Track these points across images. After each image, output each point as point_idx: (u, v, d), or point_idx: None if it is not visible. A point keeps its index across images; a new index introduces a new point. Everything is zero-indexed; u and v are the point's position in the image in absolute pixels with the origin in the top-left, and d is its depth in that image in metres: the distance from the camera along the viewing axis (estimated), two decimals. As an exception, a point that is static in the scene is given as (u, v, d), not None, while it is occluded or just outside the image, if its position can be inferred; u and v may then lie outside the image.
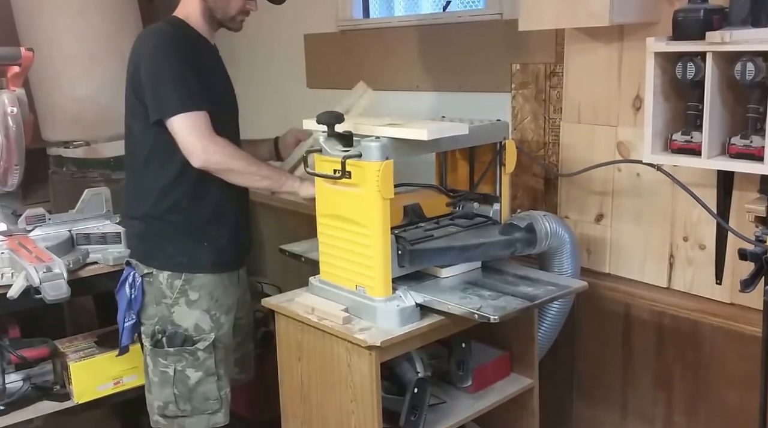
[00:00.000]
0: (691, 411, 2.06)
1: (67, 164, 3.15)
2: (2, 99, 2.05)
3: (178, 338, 2.02)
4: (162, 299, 2.03)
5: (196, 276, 2.03)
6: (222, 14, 2.01)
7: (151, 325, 2.04)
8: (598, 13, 1.86)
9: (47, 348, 2.22)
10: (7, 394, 2.10)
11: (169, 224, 2.01)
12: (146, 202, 2.03)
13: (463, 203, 2.15)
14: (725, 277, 1.93)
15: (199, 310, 2.04)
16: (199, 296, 2.04)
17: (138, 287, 2.02)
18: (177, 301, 2.02)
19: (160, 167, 2.00)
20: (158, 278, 2.02)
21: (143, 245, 2.06)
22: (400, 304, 1.79)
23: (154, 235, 2.03)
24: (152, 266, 2.03)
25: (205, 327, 2.04)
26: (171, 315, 2.03)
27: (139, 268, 2.04)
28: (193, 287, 2.03)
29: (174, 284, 2.02)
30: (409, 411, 1.86)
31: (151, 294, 2.03)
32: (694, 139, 1.73)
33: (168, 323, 2.03)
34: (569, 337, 2.27)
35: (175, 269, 2.02)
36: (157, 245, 2.03)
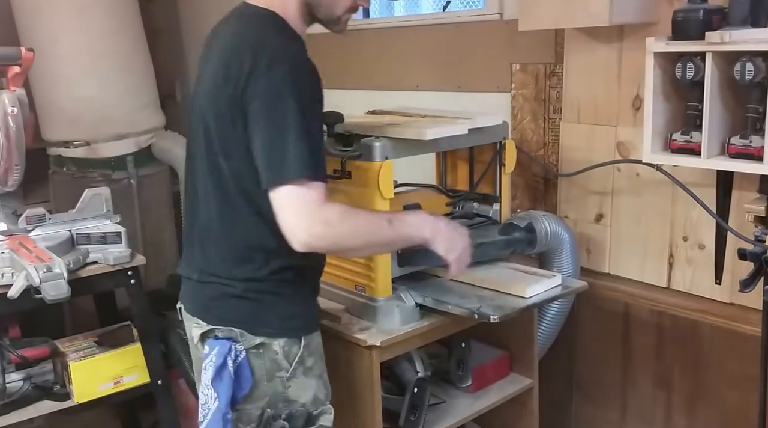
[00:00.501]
0: (690, 411, 2.06)
1: (67, 164, 3.15)
2: (2, 99, 2.04)
3: (299, 418, 1.57)
4: (276, 373, 1.53)
5: (313, 338, 1.58)
6: (326, 13, 1.58)
7: (257, 409, 1.54)
8: (598, 14, 1.86)
9: (47, 348, 2.22)
10: (7, 394, 2.10)
11: (282, 283, 1.54)
12: (251, 261, 1.51)
13: (463, 203, 2.15)
14: (725, 277, 1.93)
15: (316, 377, 1.59)
16: (314, 362, 1.58)
17: (244, 365, 1.50)
18: (295, 373, 1.55)
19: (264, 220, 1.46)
20: (272, 348, 1.52)
21: (249, 309, 1.53)
22: (399, 304, 1.79)
23: (264, 295, 1.53)
24: (263, 334, 1.51)
25: (322, 396, 1.60)
26: (286, 392, 1.54)
27: (244, 339, 1.50)
28: (311, 352, 1.57)
29: (292, 352, 1.53)
30: (408, 411, 1.87)
31: (262, 370, 1.52)
32: (693, 139, 1.73)
33: (280, 401, 1.54)
34: (569, 337, 2.27)
35: (292, 333, 1.54)
36: (268, 306, 1.53)
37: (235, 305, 1.53)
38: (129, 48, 3.15)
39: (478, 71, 2.49)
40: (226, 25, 1.58)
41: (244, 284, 1.52)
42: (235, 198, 1.48)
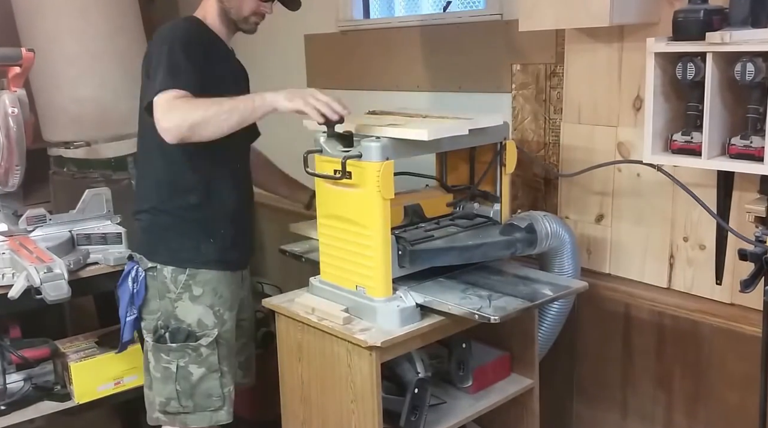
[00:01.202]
0: (691, 411, 2.06)
1: (67, 165, 3.15)
2: (3, 100, 2.05)
3: (181, 333, 2.00)
4: (165, 293, 2.00)
5: (200, 272, 2.01)
6: (235, 14, 2.01)
7: (154, 320, 2.02)
8: (599, 14, 1.86)
9: (48, 348, 2.23)
10: (8, 394, 2.10)
11: (177, 218, 2.00)
12: (156, 195, 2.01)
13: (464, 204, 2.16)
14: (725, 277, 1.93)
15: (203, 306, 2.01)
16: (203, 292, 2.01)
17: (141, 282, 2.00)
18: (180, 296, 2.00)
19: (171, 159, 1.96)
20: (162, 273, 2.00)
21: (148, 240, 2.04)
22: (400, 304, 1.79)
23: (160, 229, 2.01)
24: (156, 261, 2.00)
25: (208, 323, 2.02)
26: (174, 310, 2.00)
27: (142, 262, 2.01)
28: (198, 282, 2.01)
29: (178, 278, 2.00)
30: (409, 412, 1.87)
31: (155, 289, 2.01)
32: (694, 139, 1.73)
33: (171, 318, 2.00)
34: (569, 337, 2.27)
35: (179, 264, 2.00)
36: (162, 239, 2.01)
37: (140, 235, 2.06)
38: (129, 49, 3.14)
39: (478, 72, 2.48)
40: None
41: (148, 218, 2.02)
42: (147, 142, 1.97)
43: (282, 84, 3.31)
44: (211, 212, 2.02)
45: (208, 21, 2.02)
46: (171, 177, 1.98)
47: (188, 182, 1.98)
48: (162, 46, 1.86)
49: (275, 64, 3.35)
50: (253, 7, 2.01)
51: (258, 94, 1.82)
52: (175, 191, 1.99)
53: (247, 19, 2.03)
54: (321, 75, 3.16)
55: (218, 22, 2.02)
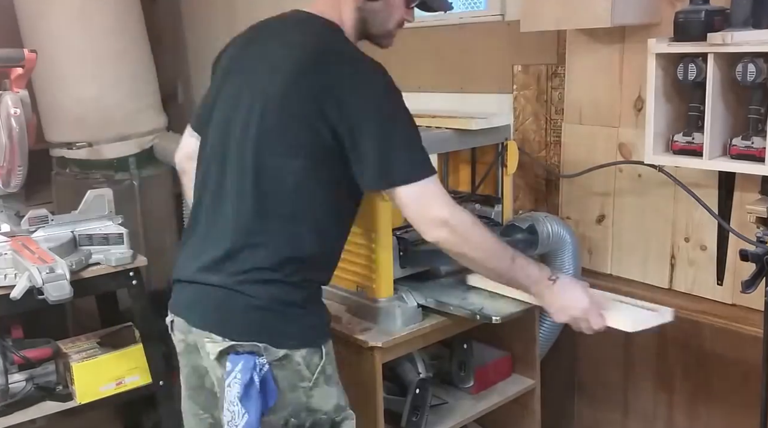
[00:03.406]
0: (692, 412, 2.06)
1: (70, 166, 3.16)
2: (6, 101, 2.05)
3: (323, 426, 1.52)
4: (298, 384, 1.48)
5: (329, 344, 1.53)
6: (379, 28, 1.59)
7: (280, 419, 1.49)
8: (600, 15, 1.87)
9: (50, 349, 2.23)
10: (9, 394, 2.10)
11: (308, 291, 1.50)
12: (291, 269, 1.45)
13: (465, 205, 2.16)
14: (726, 278, 1.93)
15: (335, 384, 1.54)
16: (333, 369, 1.54)
17: (268, 378, 1.44)
18: (317, 382, 1.50)
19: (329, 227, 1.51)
20: (294, 360, 1.46)
21: (271, 321, 1.46)
22: (401, 305, 1.79)
23: (286, 305, 1.47)
24: (286, 347, 1.45)
25: (343, 402, 1.56)
26: (309, 401, 1.49)
27: (269, 353, 1.43)
28: (330, 359, 1.53)
29: (313, 361, 1.48)
30: (410, 412, 1.87)
31: (285, 381, 1.46)
32: (695, 140, 1.73)
33: (303, 411, 1.49)
34: (570, 338, 2.27)
35: (313, 343, 1.49)
36: (290, 317, 1.47)
37: (257, 317, 1.46)
38: (131, 49, 3.16)
39: (480, 72, 2.49)
40: (285, 26, 1.56)
41: (269, 294, 1.45)
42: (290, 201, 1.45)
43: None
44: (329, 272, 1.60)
45: (347, 32, 1.55)
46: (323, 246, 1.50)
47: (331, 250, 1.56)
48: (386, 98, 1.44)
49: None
50: (400, 18, 1.62)
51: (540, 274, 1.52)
52: (317, 261, 1.51)
53: (390, 33, 1.64)
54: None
55: (354, 34, 1.57)
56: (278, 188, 1.44)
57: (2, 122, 2.08)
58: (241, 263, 1.45)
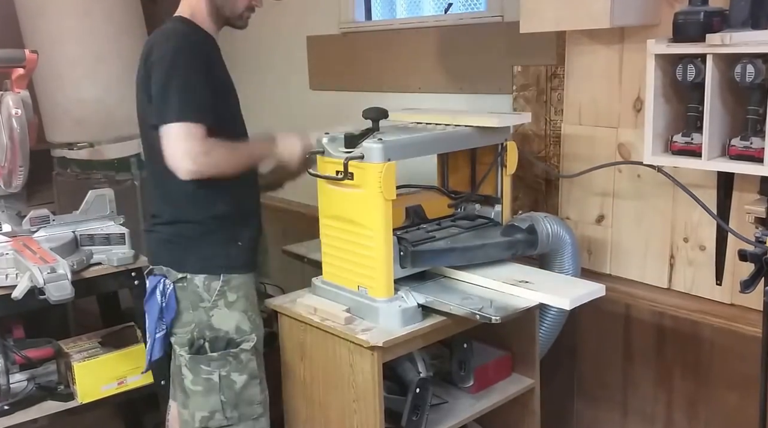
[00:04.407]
0: (691, 411, 2.07)
1: (71, 166, 3.16)
2: (7, 101, 2.06)
3: (220, 342, 1.89)
4: (199, 303, 1.88)
5: (233, 277, 1.91)
6: (230, 11, 1.93)
7: (188, 333, 1.90)
8: (599, 16, 1.87)
9: (51, 349, 2.23)
10: (11, 394, 2.11)
11: (205, 226, 1.89)
12: (176, 206, 1.89)
13: (465, 205, 2.16)
14: (725, 278, 1.94)
15: (239, 311, 1.91)
16: (237, 297, 1.91)
17: (170, 295, 1.88)
18: (216, 304, 1.89)
19: None
20: (193, 282, 1.88)
21: (174, 250, 1.90)
22: (402, 305, 1.80)
23: (187, 239, 1.89)
24: (186, 271, 1.88)
25: (246, 328, 1.92)
26: (210, 320, 1.89)
27: (170, 274, 1.89)
28: (231, 288, 1.90)
29: (212, 286, 1.88)
30: (411, 411, 1.87)
31: (186, 300, 1.89)
32: (694, 140, 1.74)
33: (206, 328, 1.89)
34: (570, 338, 2.28)
35: (212, 271, 1.89)
36: (191, 248, 1.89)
37: (163, 247, 1.93)
38: (132, 50, 3.14)
39: (479, 73, 2.49)
40: None
41: (168, 229, 1.91)
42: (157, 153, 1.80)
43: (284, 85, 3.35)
44: (237, 215, 1.94)
45: (198, 20, 1.92)
46: (194, 187, 1.83)
47: (210, 192, 1.86)
48: (169, 62, 1.78)
49: (277, 65, 3.36)
50: (246, 3, 1.94)
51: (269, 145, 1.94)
52: (200, 201, 1.87)
53: (241, 16, 1.96)
54: (323, 76, 3.16)
55: (208, 20, 1.93)
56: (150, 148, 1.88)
57: (4, 122, 2.09)
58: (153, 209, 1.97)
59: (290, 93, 3.30)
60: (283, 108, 3.35)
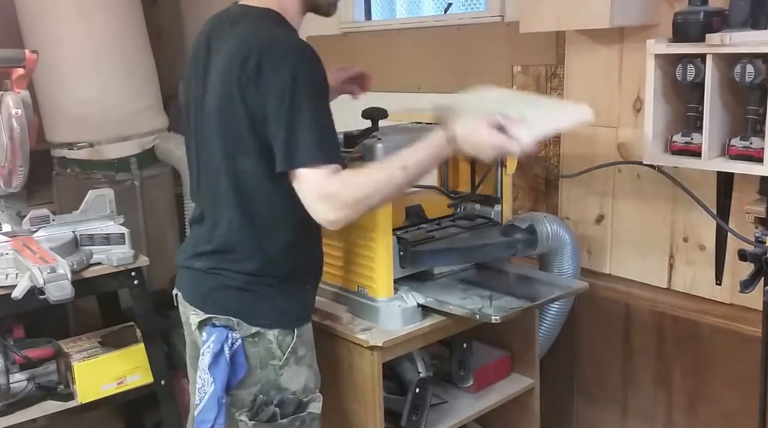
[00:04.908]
0: (691, 411, 2.07)
1: (71, 166, 3.16)
2: (7, 101, 2.06)
3: (289, 405, 1.61)
4: (269, 361, 1.60)
5: (304, 329, 1.65)
6: None
7: (250, 395, 1.60)
8: (599, 16, 1.87)
9: (51, 348, 2.23)
10: (11, 394, 2.11)
11: (280, 278, 1.61)
12: (257, 259, 1.57)
13: (465, 205, 2.16)
14: (725, 278, 1.94)
15: (306, 366, 1.65)
16: (306, 351, 1.65)
17: (239, 352, 1.57)
18: (287, 362, 1.61)
19: (284, 218, 1.57)
20: (266, 338, 1.59)
21: (246, 299, 1.59)
22: (401, 305, 1.80)
23: (262, 287, 1.60)
24: (260, 324, 1.58)
25: (312, 385, 1.66)
26: (278, 379, 1.61)
27: (241, 328, 1.57)
28: (303, 341, 1.64)
29: (285, 341, 1.60)
30: (410, 411, 1.87)
31: (256, 358, 1.59)
32: (694, 140, 1.74)
33: (272, 388, 1.61)
34: (570, 337, 2.28)
35: (287, 324, 1.61)
36: (266, 298, 1.60)
37: (230, 293, 1.59)
38: (132, 50, 3.16)
39: (479, 73, 2.49)
40: (228, 26, 1.59)
41: (245, 277, 1.58)
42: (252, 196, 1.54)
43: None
44: (308, 260, 1.69)
45: (289, 15, 1.60)
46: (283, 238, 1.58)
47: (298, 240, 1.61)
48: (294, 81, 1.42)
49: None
50: None
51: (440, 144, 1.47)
52: (284, 254, 1.60)
53: (334, 2, 1.70)
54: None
55: (298, 10, 1.63)
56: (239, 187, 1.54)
57: (4, 122, 2.09)
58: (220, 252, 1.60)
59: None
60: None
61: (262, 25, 1.53)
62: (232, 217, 1.56)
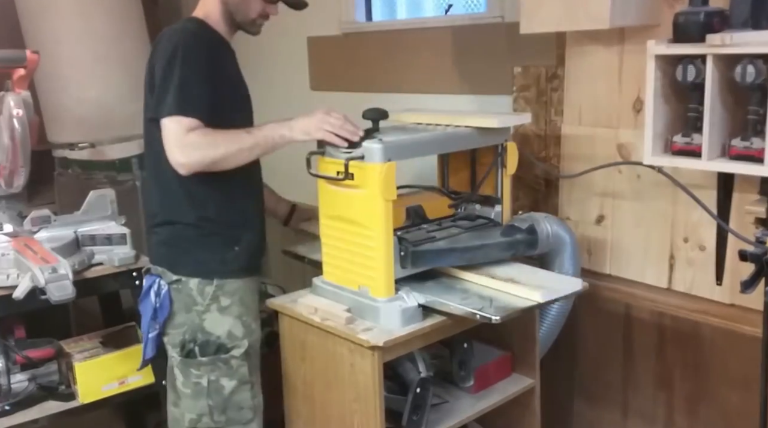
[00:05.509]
0: (691, 412, 2.07)
1: (72, 166, 3.17)
2: (8, 101, 2.06)
3: (210, 346, 1.91)
4: (192, 306, 1.90)
5: (227, 282, 1.92)
6: (242, 17, 1.94)
7: (180, 334, 1.92)
8: (599, 16, 1.88)
9: (52, 349, 2.23)
10: (12, 394, 2.11)
11: (199, 229, 1.90)
12: (174, 208, 1.90)
13: (465, 205, 2.17)
14: (725, 278, 1.94)
15: (232, 317, 1.92)
16: (231, 303, 1.92)
17: (165, 296, 1.90)
18: (209, 308, 1.90)
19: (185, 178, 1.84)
20: (188, 285, 1.90)
21: (170, 252, 1.93)
22: (402, 304, 1.80)
23: (183, 241, 1.91)
24: (181, 273, 1.90)
25: (238, 333, 1.93)
26: (202, 323, 1.90)
27: (166, 275, 1.91)
28: (225, 293, 1.91)
29: (205, 290, 1.90)
30: (411, 411, 1.88)
31: (180, 302, 1.91)
32: (694, 141, 1.74)
33: (198, 331, 1.91)
34: (570, 337, 2.28)
35: (206, 275, 1.90)
36: (186, 251, 1.91)
37: (160, 248, 1.95)
38: (133, 51, 3.16)
39: (479, 74, 2.50)
40: None
41: (168, 232, 1.92)
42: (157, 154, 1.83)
43: (284, 86, 3.35)
44: (233, 220, 1.94)
45: (211, 21, 1.93)
46: (187, 188, 1.87)
47: (206, 193, 1.89)
48: (169, 57, 1.78)
49: (278, 66, 3.36)
50: (259, 10, 1.94)
51: (273, 128, 1.82)
52: (194, 203, 1.89)
53: (253, 22, 1.97)
54: (324, 77, 3.17)
55: (222, 23, 1.94)
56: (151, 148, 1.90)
57: (5, 122, 2.09)
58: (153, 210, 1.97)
59: (291, 93, 3.31)
60: (283, 108, 3.32)
61: (175, 24, 1.90)
62: (154, 180, 1.93)
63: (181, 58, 1.78)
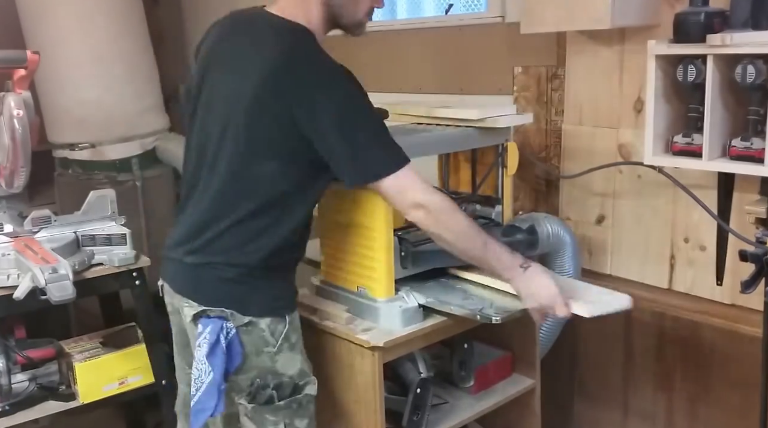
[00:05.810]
0: (692, 412, 2.07)
1: (72, 166, 3.17)
2: (8, 102, 2.06)
3: (285, 388, 1.69)
4: (263, 348, 1.67)
5: (294, 316, 1.72)
6: (350, 19, 1.70)
7: (247, 380, 1.68)
8: (600, 16, 1.88)
9: (53, 349, 2.23)
10: (12, 394, 2.11)
11: (272, 269, 1.68)
12: (257, 252, 1.64)
13: (465, 205, 2.16)
14: (726, 278, 1.94)
15: (300, 353, 1.73)
16: (297, 338, 1.73)
17: (235, 341, 1.64)
18: (281, 348, 1.69)
19: (287, 214, 1.64)
20: (258, 326, 1.65)
21: (238, 290, 1.66)
22: (402, 305, 1.80)
23: (255, 279, 1.67)
24: (251, 314, 1.65)
25: (307, 369, 1.74)
26: (274, 365, 1.68)
27: (234, 318, 1.63)
28: (294, 328, 1.72)
29: (278, 329, 1.67)
30: (411, 412, 1.87)
31: (251, 346, 1.66)
32: (694, 141, 1.74)
33: (269, 373, 1.68)
34: (570, 338, 2.28)
35: (278, 312, 1.68)
36: (258, 289, 1.67)
37: (224, 286, 1.66)
38: (133, 51, 3.17)
39: (480, 74, 2.50)
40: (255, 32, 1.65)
41: (238, 270, 1.65)
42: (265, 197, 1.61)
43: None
44: (300, 253, 1.77)
45: (313, 27, 1.64)
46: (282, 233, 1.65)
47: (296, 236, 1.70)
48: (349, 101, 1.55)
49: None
50: (368, 7, 1.71)
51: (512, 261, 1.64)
52: (282, 247, 1.66)
53: (360, 22, 1.74)
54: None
55: (323, 29, 1.69)
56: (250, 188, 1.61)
57: (5, 123, 2.09)
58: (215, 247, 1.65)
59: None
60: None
61: (298, 41, 1.59)
62: (234, 215, 1.61)
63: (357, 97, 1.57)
